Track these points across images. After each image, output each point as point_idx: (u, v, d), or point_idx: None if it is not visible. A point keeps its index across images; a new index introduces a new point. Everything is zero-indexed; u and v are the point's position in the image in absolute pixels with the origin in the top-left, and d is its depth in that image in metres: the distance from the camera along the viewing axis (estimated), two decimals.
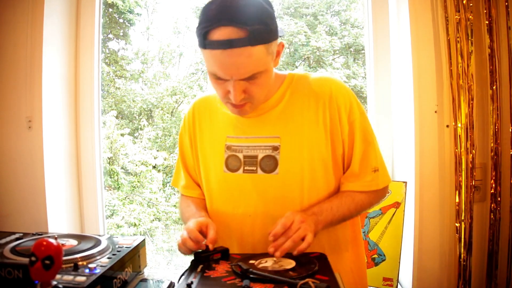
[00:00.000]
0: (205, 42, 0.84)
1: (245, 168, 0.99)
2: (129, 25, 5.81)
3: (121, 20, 5.73)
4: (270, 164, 0.97)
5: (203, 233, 0.90)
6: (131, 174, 5.18)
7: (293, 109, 0.99)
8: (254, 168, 0.98)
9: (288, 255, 0.84)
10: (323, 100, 0.97)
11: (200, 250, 0.86)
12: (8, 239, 0.93)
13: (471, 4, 1.50)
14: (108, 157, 5.04)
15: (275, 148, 0.97)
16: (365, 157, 0.98)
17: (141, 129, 5.63)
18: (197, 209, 1.04)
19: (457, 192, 1.53)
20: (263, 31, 0.84)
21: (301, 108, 0.98)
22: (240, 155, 1.00)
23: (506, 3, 1.48)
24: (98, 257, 0.81)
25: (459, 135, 1.52)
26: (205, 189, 1.07)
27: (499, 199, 1.52)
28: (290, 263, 0.81)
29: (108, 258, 0.81)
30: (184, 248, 0.89)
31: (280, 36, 0.92)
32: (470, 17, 1.50)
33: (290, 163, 0.96)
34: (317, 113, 0.97)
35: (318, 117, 0.97)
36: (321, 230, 0.92)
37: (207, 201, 1.07)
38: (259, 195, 0.98)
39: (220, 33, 0.82)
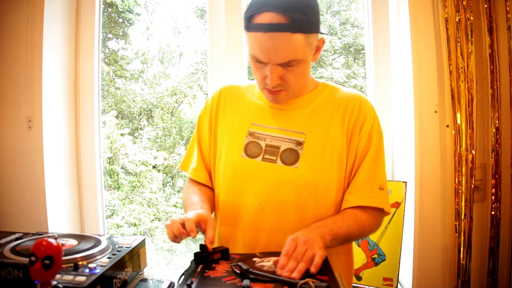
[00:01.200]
0: (250, 25, 0.91)
1: (265, 156, 1.00)
2: (128, 24, 5.80)
3: (120, 20, 5.73)
4: (291, 157, 0.99)
5: (201, 227, 0.90)
6: (131, 174, 5.18)
7: (322, 112, 1.02)
8: (274, 158, 1.00)
9: None
10: (352, 109, 1.01)
11: (199, 251, 0.86)
12: (8, 239, 0.93)
13: (471, 4, 1.50)
14: (108, 157, 5.04)
15: (299, 143, 1.00)
16: (374, 172, 1.00)
17: (141, 129, 5.62)
18: (200, 200, 1.03)
19: (457, 192, 1.53)
20: (303, 20, 0.89)
21: (331, 113, 1.02)
22: (263, 143, 1.01)
23: (506, 3, 1.48)
24: (98, 257, 0.82)
25: (459, 135, 1.52)
26: (217, 173, 1.07)
27: (499, 195, 1.52)
28: None
29: (108, 258, 0.81)
30: (170, 231, 0.88)
31: (322, 33, 0.96)
32: (470, 17, 1.50)
33: (311, 161, 0.98)
34: (344, 120, 1.01)
35: (344, 124, 1.00)
36: (330, 243, 0.89)
37: (217, 185, 1.07)
38: (274, 185, 0.99)
39: (263, 18, 0.88)
